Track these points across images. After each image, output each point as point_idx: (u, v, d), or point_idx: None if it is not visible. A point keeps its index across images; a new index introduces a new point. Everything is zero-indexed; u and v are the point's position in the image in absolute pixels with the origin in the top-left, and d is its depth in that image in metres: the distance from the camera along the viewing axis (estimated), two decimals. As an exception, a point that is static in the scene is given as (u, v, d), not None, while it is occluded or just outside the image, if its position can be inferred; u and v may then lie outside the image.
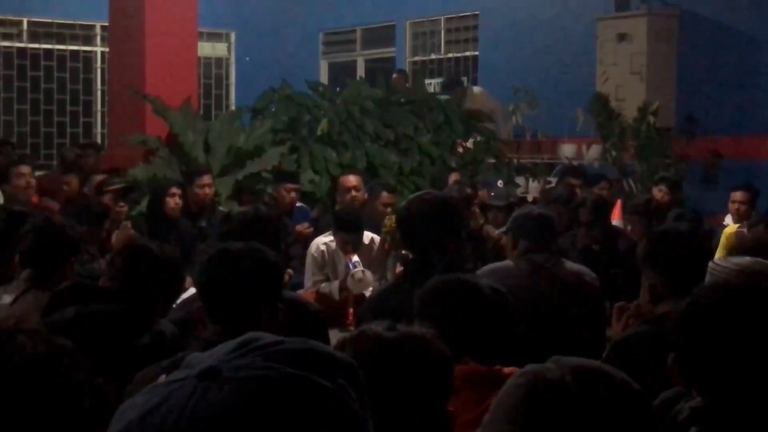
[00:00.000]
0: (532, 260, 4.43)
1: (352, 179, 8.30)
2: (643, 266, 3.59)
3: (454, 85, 12.83)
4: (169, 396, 1.03)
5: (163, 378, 1.09)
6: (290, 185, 8.41)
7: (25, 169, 8.49)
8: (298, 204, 8.57)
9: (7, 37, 14.00)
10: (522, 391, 1.43)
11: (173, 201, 7.83)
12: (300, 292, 6.44)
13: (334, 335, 4.68)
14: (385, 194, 8.33)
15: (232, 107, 14.40)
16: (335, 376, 1.05)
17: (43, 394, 1.61)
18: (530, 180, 11.47)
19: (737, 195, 8.23)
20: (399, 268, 6.63)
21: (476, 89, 12.65)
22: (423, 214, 3.84)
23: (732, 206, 8.22)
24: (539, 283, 4.37)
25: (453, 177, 9.36)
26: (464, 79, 13.59)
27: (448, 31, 14.11)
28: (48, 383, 1.62)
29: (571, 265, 4.63)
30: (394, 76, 12.52)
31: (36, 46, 14.04)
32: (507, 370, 3.00)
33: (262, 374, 1.02)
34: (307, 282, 6.81)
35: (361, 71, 14.88)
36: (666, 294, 3.45)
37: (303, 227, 7.94)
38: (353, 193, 8.14)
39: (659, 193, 8.93)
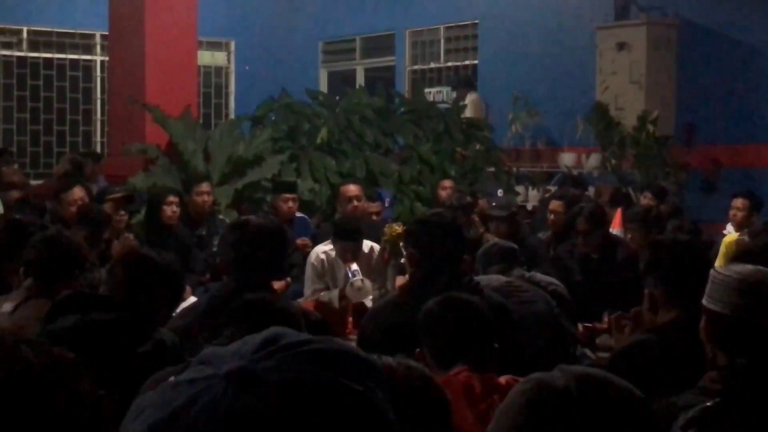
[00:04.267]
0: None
1: (352, 188, 8.29)
2: (644, 274, 3.60)
3: (462, 86, 12.83)
4: (197, 396, 0.98)
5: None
6: (287, 195, 8.41)
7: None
8: (299, 214, 8.57)
9: (6, 46, 14.01)
10: (526, 399, 1.43)
11: (170, 209, 7.84)
12: (300, 300, 6.44)
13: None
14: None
15: (232, 116, 14.40)
16: (366, 379, 1.03)
17: (45, 405, 1.61)
18: (530, 188, 11.47)
19: (737, 202, 8.29)
20: (399, 277, 6.64)
21: (472, 95, 12.68)
22: (439, 231, 3.93)
23: (730, 212, 8.29)
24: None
25: (445, 183, 9.35)
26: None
27: (447, 39, 14.12)
28: (49, 394, 1.62)
29: (540, 275, 5.47)
30: None
31: (36, 55, 14.05)
32: (503, 379, 3.02)
33: (298, 378, 0.99)
34: (307, 290, 6.80)
35: (360, 80, 14.88)
36: (667, 303, 3.46)
37: (302, 242, 7.95)
38: (354, 202, 8.14)
39: (644, 200, 9.01)
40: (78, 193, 7.54)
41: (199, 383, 1.00)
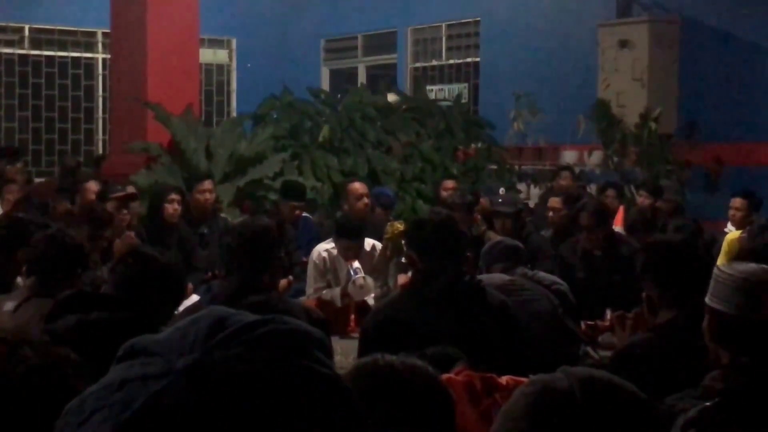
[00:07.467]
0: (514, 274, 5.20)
1: (359, 187, 8.24)
2: (641, 277, 3.60)
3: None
4: (159, 395, 0.93)
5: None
6: (295, 203, 8.23)
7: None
8: (303, 214, 8.53)
9: (8, 43, 14.01)
10: (529, 400, 1.43)
11: (172, 207, 7.82)
12: (302, 299, 6.44)
13: (336, 342, 4.68)
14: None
15: (234, 114, 14.40)
16: (320, 354, 1.00)
17: (45, 405, 1.61)
18: (532, 186, 11.47)
19: (735, 202, 8.31)
20: (400, 275, 6.64)
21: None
22: (434, 230, 3.92)
23: (729, 212, 8.30)
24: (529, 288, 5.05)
25: (447, 184, 9.32)
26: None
27: (449, 37, 14.12)
28: (50, 394, 1.61)
29: (543, 274, 5.48)
30: None
31: (38, 52, 14.05)
32: (503, 379, 3.02)
33: (259, 368, 0.95)
34: (309, 289, 6.80)
35: (362, 78, 14.88)
36: (665, 304, 3.45)
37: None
38: (365, 200, 8.09)
39: (640, 198, 9.02)
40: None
41: (155, 380, 0.95)
